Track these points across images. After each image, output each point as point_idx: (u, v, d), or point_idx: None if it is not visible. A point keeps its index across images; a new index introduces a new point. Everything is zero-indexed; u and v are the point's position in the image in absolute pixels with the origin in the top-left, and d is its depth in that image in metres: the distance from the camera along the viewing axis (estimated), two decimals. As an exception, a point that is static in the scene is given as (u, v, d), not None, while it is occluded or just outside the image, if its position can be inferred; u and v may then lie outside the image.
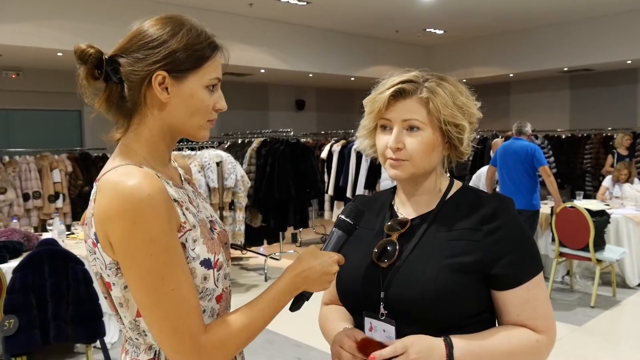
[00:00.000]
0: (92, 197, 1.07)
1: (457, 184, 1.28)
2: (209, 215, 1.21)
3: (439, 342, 1.10)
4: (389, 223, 1.26)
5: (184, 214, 1.08)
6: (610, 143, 9.58)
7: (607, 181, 6.69)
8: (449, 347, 1.09)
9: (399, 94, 1.19)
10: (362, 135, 1.29)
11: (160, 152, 1.14)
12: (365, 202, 1.37)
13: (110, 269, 1.05)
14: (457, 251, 1.15)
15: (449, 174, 1.30)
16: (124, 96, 1.09)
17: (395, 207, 1.30)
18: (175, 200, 1.08)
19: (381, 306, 1.17)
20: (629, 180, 6.40)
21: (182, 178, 1.23)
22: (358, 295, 1.23)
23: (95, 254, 1.07)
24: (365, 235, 1.28)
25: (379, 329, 1.18)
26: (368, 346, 1.15)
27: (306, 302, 1.17)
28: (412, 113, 1.18)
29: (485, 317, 1.19)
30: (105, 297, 1.13)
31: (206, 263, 1.09)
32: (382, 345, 1.14)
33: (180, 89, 1.08)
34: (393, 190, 1.35)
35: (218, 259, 1.12)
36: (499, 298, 1.17)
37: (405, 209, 1.28)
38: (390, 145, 1.19)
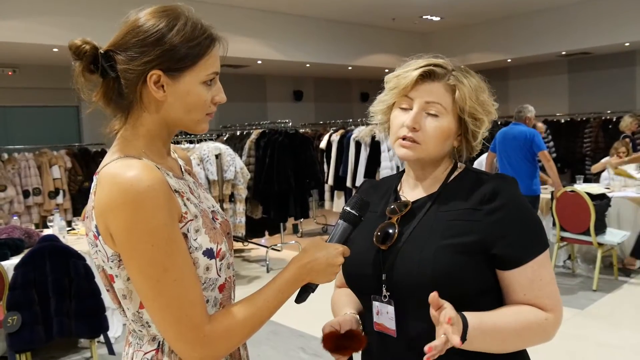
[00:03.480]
0: (92, 190, 1.07)
1: (460, 167, 1.28)
2: (210, 205, 1.21)
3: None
4: (391, 206, 1.26)
5: (185, 205, 1.08)
6: (610, 127, 9.56)
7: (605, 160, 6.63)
8: (465, 325, 1.08)
9: (427, 75, 1.18)
10: (379, 109, 1.28)
11: (158, 145, 1.13)
12: (373, 186, 1.40)
13: (112, 262, 1.05)
14: (456, 231, 1.15)
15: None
16: (122, 92, 1.07)
17: (400, 191, 1.31)
18: (175, 191, 1.07)
19: (383, 288, 1.18)
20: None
21: (182, 169, 1.22)
22: (361, 278, 1.25)
23: (96, 246, 1.06)
24: (369, 218, 1.28)
25: (384, 311, 1.19)
26: (329, 340, 1.20)
27: (312, 293, 1.17)
28: (436, 96, 1.17)
29: (491, 297, 1.19)
30: (108, 290, 1.13)
31: (208, 253, 1.09)
32: (344, 337, 1.19)
33: (177, 87, 1.06)
34: (400, 174, 1.36)
35: (220, 249, 1.12)
36: (504, 278, 1.17)
37: (408, 193, 1.29)
38: (407, 123, 1.18)
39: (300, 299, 1.17)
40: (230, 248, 1.19)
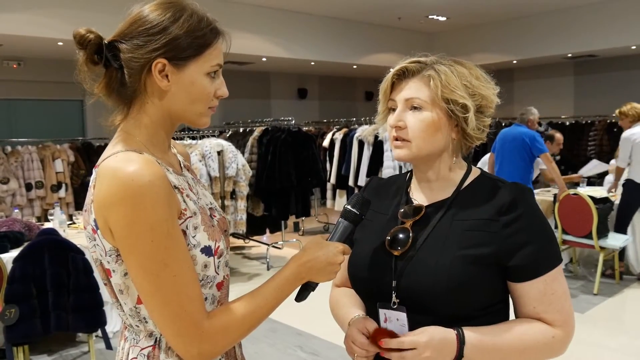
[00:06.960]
0: (91, 184, 1.06)
1: (475, 172, 1.25)
2: (208, 202, 1.20)
3: (450, 336, 1.08)
4: (403, 210, 1.23)
5: (184, 201, 1.07)
6: (615, 130, 9.52)
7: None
8: (461, 342, 1.07)
9: (402, 74, 1.19)
10: (379, 120, 1.28)
11: (160, 138, 1.13)
12: (381, 185, 1.36)
13: (110, 256, 1.04)
14: (472, 242, 1.12)
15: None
16: (124, 82, 1.07)
17: (410, 193, 1.27)
18: (175, 187, 1.07)
19: (393, 295, 1.15)
20: None
21: (182, 165, 1.21)
22: (369, 282, 1.21)
23: (95, 240, 1.06)
24: (379, 220, 1.26)
25: (393, 318, 1.16)
26: (379, 337, 1.13)
27: (312, 292, 1.16)
28: (413, 92, 1.17)
29: (500, 308, 1.17)
30: (105, 284, 1.12)
31: (207, 250, 1.08)
32: (393, 335, 1.12)
33: (181, 76, 1.07)
34: (409, 174, 1.32)
35: (219, 247, 1.11)
36: (516, 290, 1.15)
37: (419, 195, 1.25)
38: (390, 123, 1.19)
39: (300, 297, 1.16)
40: (227, 246, 1.18)
